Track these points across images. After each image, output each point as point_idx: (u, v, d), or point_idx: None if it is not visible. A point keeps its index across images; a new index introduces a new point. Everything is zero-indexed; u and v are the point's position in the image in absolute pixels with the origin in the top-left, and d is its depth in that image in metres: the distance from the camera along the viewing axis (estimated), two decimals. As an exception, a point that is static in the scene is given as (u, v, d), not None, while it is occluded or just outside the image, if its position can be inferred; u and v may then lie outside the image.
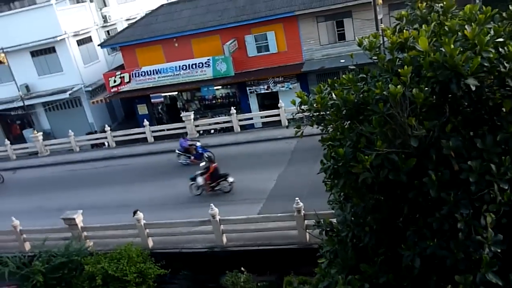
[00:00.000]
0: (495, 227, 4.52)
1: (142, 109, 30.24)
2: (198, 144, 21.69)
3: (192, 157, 21.35)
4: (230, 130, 25.27)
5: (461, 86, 4.67)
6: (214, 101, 29.60)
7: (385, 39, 6.19)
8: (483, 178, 4.52)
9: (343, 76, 6.02)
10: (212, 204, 14.49)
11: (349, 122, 5.91)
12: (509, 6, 5.62)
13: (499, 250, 4.49)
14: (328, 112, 5.85)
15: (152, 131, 26.09)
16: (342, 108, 5.68)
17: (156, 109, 30.84)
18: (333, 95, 5.79)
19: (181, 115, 26.04)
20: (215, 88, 28.40)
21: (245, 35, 26.98)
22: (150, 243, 15.49)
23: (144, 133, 26.06)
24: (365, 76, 6.24)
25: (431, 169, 4.84)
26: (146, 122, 26.14)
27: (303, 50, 26.73)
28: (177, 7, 30.11)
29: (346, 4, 24.80)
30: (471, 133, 4.99)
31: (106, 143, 27.21)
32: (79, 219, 16.04)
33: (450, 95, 5.05)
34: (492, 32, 4.97)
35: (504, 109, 4.82)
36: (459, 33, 5.18)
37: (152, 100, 29.71)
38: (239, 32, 26.89)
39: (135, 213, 15.29)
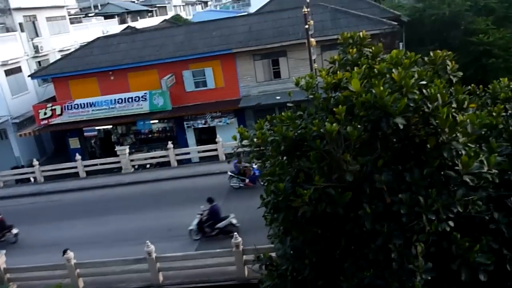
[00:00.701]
0: (425, 255, 4.83)
1: (74, 143, 29.09)
2: (255, 166, 20.50)
3: (247, 180, 20.12)
4: (166, 165, 24.92)
5: (390, 125, 5.03)
6: (150, 135, 29.16)
7: (320, 79, 6.56)
8: (413, 210, 4.85)
9: (283, 113, 6.28)
10: (148, 241, 14.09)
11: (288, 157, 6.13)
12: (430, 52, 6.19)
13: (429, 278, 4.78)
14: (268, 148, 6.04)
15: (85, 166, 25.13)
16: (282, 144, 5.90)
17: (89, 143, 29.80)
18: (273, 131, 6.01)
19: (115, 149, 25.36)
20: (152, 122, 28.06)
21: (183, 70, 27.13)
22: (81, 283, 14.68)
23: (75, 167, 25.03)
24: (302, 113, 6.54)
25: (366, 202, 5.12)
26: (78, 156, 25.17)
27: (240, 86, 27.27)
28: (114, 40, 29.80)
29: (281, 44, 25.78)
30: (401, 167, 5.35)
31: (32, 179, 25.81)
32: (1, 260, 14.93)
33: (380, 133, 5.42)
34: (416, 75, 5.44)
35: (428, 146, 5.23)
36: (387, 76, 5.62)
37: (85, 134, 28.73)
38: (177, 67, 27.01)
39: (64, 252, 14.50)
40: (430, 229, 4.78)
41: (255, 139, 6.12)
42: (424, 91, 5.27)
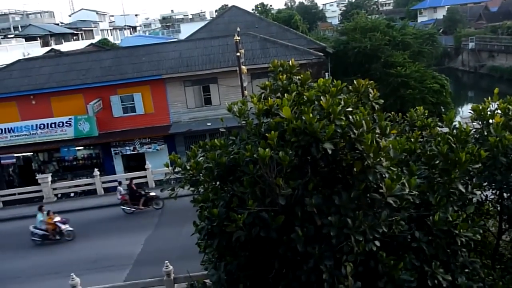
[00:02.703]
0: (354, 275, 5.02)
1: (-11, 171, 27.11)
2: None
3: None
4: (92, 193, 23.90)
5: (320, 150, 5.25)
6: (75, 163, 27.86)
7: (251, 105, 6.71)
8: (342, 232, 5.04)
9: (215, 139, 6.32)
10: (72, 274, 13.30)
11: (221, 183, 6.16)
12: (353, 80, 6.59)
13: (358, 297, 4.96)
14: (201, 174, 6.04)
15: (1, 196, 23.42)
16: (215, 170, 5.93)
17: (6, 171, 27.86)
18: (206, 157, 6.04)
19: (36, 178, 23.93)
20: (77, 148, 26.88)
21: (111, 95, 26.43)
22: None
23: (-10, 197, 23.28)
24: (234, 139, 6.63)
25: (298, 225, 5.25)
26: (-7, 186, 23.46)
27: (171, 112, 27.03)
28: (36, 63, 28.50)
29: (212, 71, 26.06)
30: (330, 191, 5.57)
31: None
32: None
33: (310, 157, 5.62)
34: (342, 102, 5.75)
35: (355, 169, 5.50)
36: (316, 103, 5.88)
37: (2, 161, 26.87)
38: (104, 92, 26.28)
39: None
40: (358, 249, 4.98)
41: (188, 167, 6.10)
42: (350, 117, 5.57)
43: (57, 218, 18.56)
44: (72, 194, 24.82)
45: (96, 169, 24.20)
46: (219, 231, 5.47)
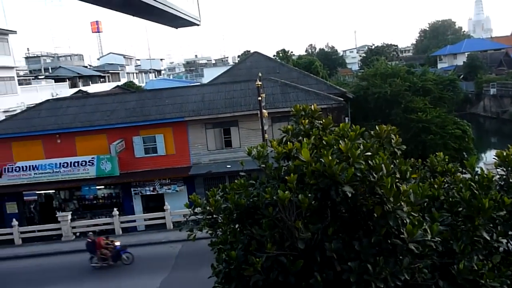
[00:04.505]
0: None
1: (12, 208, 27.47)
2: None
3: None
4: (110, 232, 23.92)
5: (339, 193, 5.22)
6: (95, 201, 28.11)
7: (271, 149, 6.77)
8: (362, 278, 4.92)
9: (235, 181, 6.35)
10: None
11: (240, 225, 6.14)
12: (375, 126, 6.61)
13: None
14: (220, 215, 6.04)
15: (21, 232, 23.64)
16: (234, 212, 5.92)
17: (28, 208, 28.25)
18: (226, 199, 6.05)
19: (56, 215, 24.17)
20: (97, 187, 27.21)
21: (133, 136, 26.95)
22: None
23: (11, 234, 23.47)
24: (254, 182, 6.65)
25: (317, 270, 5.15)
26: (15, 222, 23.71)
27: (191, 154, 27.31)
28: (63, 103, 29.43)
29: (233, 114, 26.43)
30: (350, 236, 5.48)
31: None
32: None
33: (330, 202, 5.58)
34: (362, 147, 5.75)
35: (375, 214, 5.43)
36: (335, 147, 5.90)
37: (24, 198, 27.31)
38: (127, 133, 26.83)
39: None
40: (379, 297, 4.84)
41: (207, 207, 6.11)
42: (370, 162, 5.55)
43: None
44: (90, 233, 24.85)
45: (115, 209, 24.34)
46: (237, 274, 5.39)
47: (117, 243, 19.40)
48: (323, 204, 5.61)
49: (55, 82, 54.85)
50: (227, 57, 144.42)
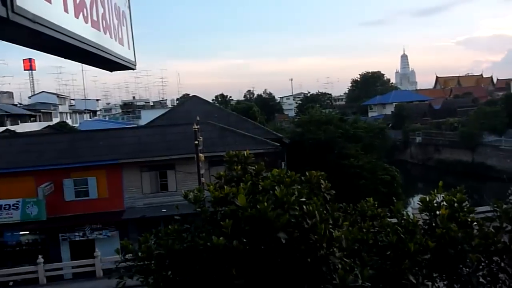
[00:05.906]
0: None
1: None
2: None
3: None
4: (34, 282, 22.25)
5: (274, 239, 5.26)
6: (17, 248, 26.13)
7: (208, 193, 6.75)
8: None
9: (169, 226, 6.23)
10: None
11: (173, 272, 5.97)
12: (306, 172, 6.81)
13: None
14: (152, 262, 5.85)
15: None
16: (167, 258, 5.77)
17: None
18: (159, 245, 5.89)
19: (-28, 265, 22.21)
20: (21, 233, 25.42)
21: (64, 179, 25.74)
22: None
23: None
24: (189, 226, 6.55)
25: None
26: None
27: (125, 197, 26.46)
28: (-13, 144, 27.74)
29: (170, 157, 26.13)
30: (284, 282, 5.49)
31: None
32: None
33: (264, 247, 5.60)
34: (296, 193, 5.89)
35: (308, 260, 5.50)
36: (271, 192, 6.00)
37: None
38: (57, 175, 25.59)
39: None
40: None
41: (139, 253, 5.91)
42: (304, 207, 5.68)
43: None
44: (11, 283, 23.00)
45: (40, 256, 22.78)
46: (169, 324, 5.20)
47: None
48: (258, 250, 5.62)
49: (-20, 120, 51.75)
50: (166, 100, 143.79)
